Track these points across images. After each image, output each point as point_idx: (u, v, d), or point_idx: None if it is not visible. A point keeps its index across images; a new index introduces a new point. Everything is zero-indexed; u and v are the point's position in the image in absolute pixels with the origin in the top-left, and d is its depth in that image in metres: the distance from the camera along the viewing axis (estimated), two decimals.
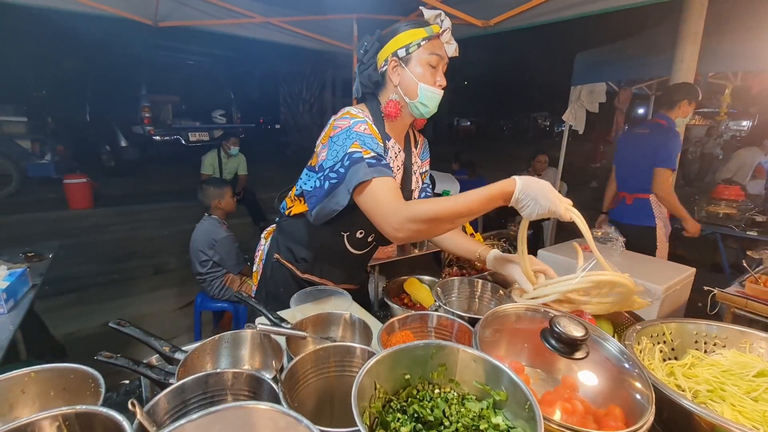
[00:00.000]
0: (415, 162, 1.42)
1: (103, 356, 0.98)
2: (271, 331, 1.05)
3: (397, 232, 1.06)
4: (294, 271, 1.49)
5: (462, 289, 1.32)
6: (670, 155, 2.60)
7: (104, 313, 3.65)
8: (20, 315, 1.57)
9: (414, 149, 1.43)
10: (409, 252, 2.43)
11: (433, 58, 1.20)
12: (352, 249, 1.40)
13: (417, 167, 1.43)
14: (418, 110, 1.25)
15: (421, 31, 1.19)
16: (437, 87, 1.22)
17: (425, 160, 1.51)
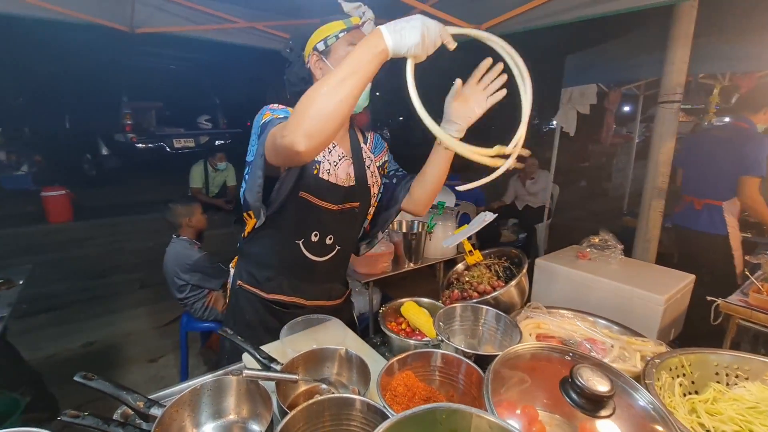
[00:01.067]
0: (368, 157, 1.38)
1: (68, 416, 0.87)
2: (259, 377, 0.95)
3: (296, 143, 0.87)
4: (259, 294, 1.37)
5: (465, 317, 1.23)
6: (759, 162, 2.46)
7: (85, 332, 3.49)
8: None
9: (363, 145, 1.39)
10: (403, 266, 2.34)
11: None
12: (313, 256, 1.32)
13: (370, 162, 1.39)
14: None
15: (339, 23, 1.17)
16: None
17: (380, 153, 1.45)
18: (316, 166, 1.22)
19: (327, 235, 1.31)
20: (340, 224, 1.32)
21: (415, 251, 2.31)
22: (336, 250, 1.36)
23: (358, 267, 2.20)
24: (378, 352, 1.35)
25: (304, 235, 1.29)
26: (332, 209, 1.27)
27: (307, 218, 1.24)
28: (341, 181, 1.27)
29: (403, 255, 2.31)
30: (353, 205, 1.32)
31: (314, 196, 1.23)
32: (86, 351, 3.24)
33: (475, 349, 1.14)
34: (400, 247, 2.28)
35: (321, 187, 1.23)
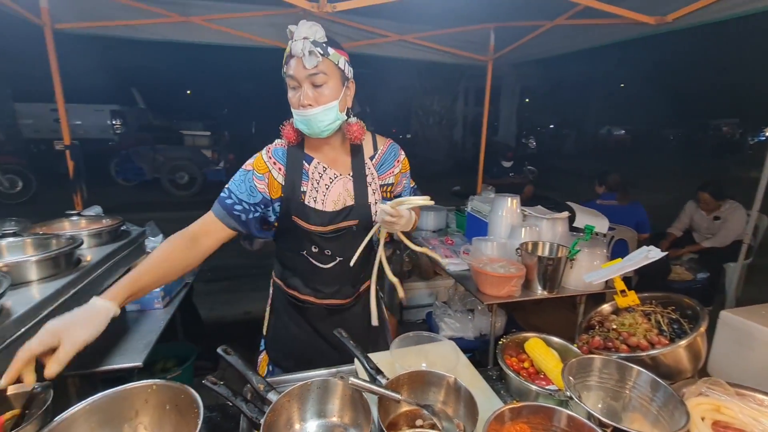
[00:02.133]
0: (370, 174, 1.35)
1: (209, 381, 1.01)
2: (363, 388, 0.95)
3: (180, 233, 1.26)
4: (282, 287, 1.46)
5: (606, 373, 1.00)
6: None
7: (246, 302, 4.17)
8: (173, 309, 1.84)
9: (369, 161, 1.36)
10: (535, 293, 2.09)
11: (290, 80, 1.17)
12: (318, 264, 1.36)
13: (372, 179, 1.35)
14: (304, 132, 1.22)
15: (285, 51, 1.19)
16: (300, 108, 1.17)
17: (387, 171, 1.39)
18: (301, 195, 1.27)
19: (324, 249, 1.34)
20: (335, 241, 1.32)
21: (550, 278, 2.03)
22: (338, 260, 1.36)
23: (481, 286, 2.06)
24: (492, 387, 1.22)
25: (305, 248, 1.34)
26: (322, 231, 1.29)
27: (302, 237, 1.31)
28: (330, 205, 1.29)
29: (535, 280, 2.06)
30: (350, 223, 1.31)
31: (303, 221, 1.27)
32: (244, 318, 3.88)
33: (615, 418, 0.92)
34: (534, 272, 2.04)
35: (308, 213, 1.27)
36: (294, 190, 1.26)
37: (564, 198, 5.59)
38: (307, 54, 1.12)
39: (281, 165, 1.27)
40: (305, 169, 1.28)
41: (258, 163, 1.27)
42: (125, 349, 1.49)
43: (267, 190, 1.27)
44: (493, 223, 2.48)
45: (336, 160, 1.33)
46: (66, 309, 1.28)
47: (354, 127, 1.28)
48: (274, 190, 1.27)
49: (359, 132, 1.29)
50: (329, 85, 1.17)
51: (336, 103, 1.19)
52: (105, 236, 1.63)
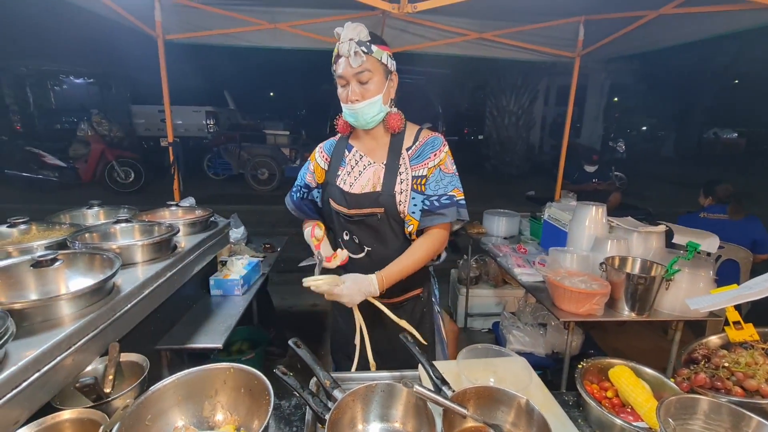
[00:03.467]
0: (402, 164, 1.37)
1: (279, 371, 1.05)
2: (429, 398, 0.92)
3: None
4: None
5: (714, 418, 0.86)
6: None
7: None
8: (250, 296, 1.97)
9: (405, 152, 1.39)
10: (620, 314, 1.88)
11: (339, 80, 1.30)
12: (350, 253, 1.43)
13: (405, 168, 1.37)
14: (353, 125, 1.38)
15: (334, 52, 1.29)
16: (349, 103, 1.29)
17: (421, 162, 1.37)
18: (336, 179, 1.42)
19: (353, 236, 1.41)
20: (360, 227, 1.39)
21: (641, 299, 1.81)
22: (366, 251, 1.41)
23: (558, 300, 1.90)
24: (568, 414, 1.11)
25: (339, 234, 1.45)
26: (346, 213, 1.38)
27: (334, 220, 1.45)
28: (357, 188, 1.38)
29: (622, 299, 1.85)
30: (375, 210, 1.35)
31: (334, 201, 1.41)
32: (311, 310, 4.05)
33: None
34: (620, 290, 1.83)
35: (336, 193, 1.40)
36: (332, 175, 1.43)
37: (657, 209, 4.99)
38: (353, 54, 1.23)
39: (327, 155, 1.48)
40: (345, 156, 1.44)
41: (312, 154, 1.53)
42: (208, 330, 1.62)
43: (309, 175, 1.51)
44: (574, 234, 2.29)
45: (374, 149, 1.42)
46: (164, 290, 1.44)
47: (393, 117, 1.36)
48: (318, 176, 1.49)
49: (397, 122, 1.37)
50: (374, 81, 1.27)
51: (380, 97, 1.29)
52: (197, 226, 1.80)
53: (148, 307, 1.31)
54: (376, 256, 1.41)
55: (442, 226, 1.39)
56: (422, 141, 1.39)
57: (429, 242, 1.39)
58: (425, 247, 1.38)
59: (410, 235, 1.41)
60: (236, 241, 2.53)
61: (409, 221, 1.38)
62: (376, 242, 1.40)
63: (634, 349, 3.35)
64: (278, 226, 6.15)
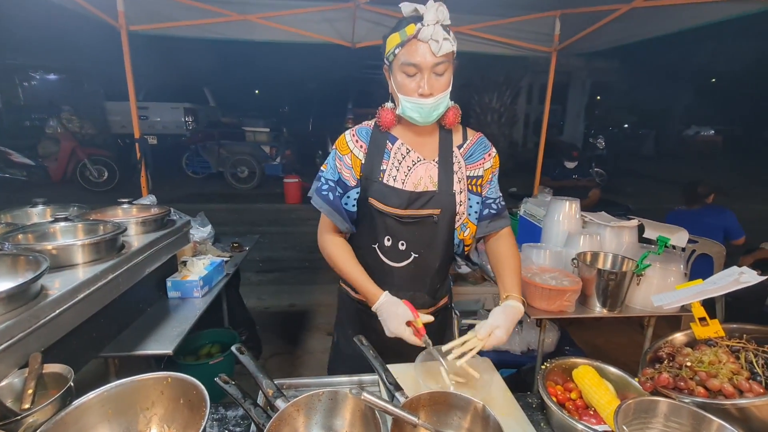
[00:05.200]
0: (457, 162, 1.26)
1: (221, 380, 0.97)
2: (376, 406, 0.85)
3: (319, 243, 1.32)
4: (350, 294, 1.41)
5: (676, 422, 0.81)
6: None
7: (292, 294, 4.26)
8: (210, 298, 1.88)
9: (457, 149, 1.27)
10: (592, 310, 1.85)
11: (409, 68, 1.10)
12: (390, 262, 1.27)
13: (459, 167, 1.26)
14: (410, 119, 1.18)
15: (396, 36, 1.10)
16: (419, 96, 1.11)
17: (476, 162, 1.28)
18: (380, 174, 1.22)
19: (399, 241, 1.24)
20: (411, 230, 1.23)
21: (612, 295, 1.78)
22: (413, 258, 1.26)
23: (529, 298, 1.86)
24: (531, 417, 1.06)
25: (377, 240, 1.26)
26: (399, 214, 1.21)
27: (377, 223, 1.24)
28: (410, 185, 1.22)
29: (594, 296, 1.82)
30: (431, 211, 1.22)
31: (380, 202, 1.21)
32: (288, 310, 3.96)
33: None
34: (591, 286, 1.80)
35: (385, 192, 1.21)
36: (373, 169, 1.22)
37: (637, 204, 5.04)
38: (441, 40, 1.05)
39: (363, 143, 1.24)
40: (388, 148, 1.23)
41: (340, 143, 1.26)
42: (161, 335, 1.53)
43: (345, 171, 1.24)
44: (548, 229, 2.25)
45: (422, 144, 1.25)
46: (106, 294, 1.34)
47: (452, 111, 1.21)
48: (354, 170, 1.24)
49: (454, 117, 1.24)
50: (448, 72, 1.13)
51: (449, 90, 1.15)
52: (151, 224, 1.69)
53: (84, 312, 1.21)
54: (423, 263, 1.27)
55: (509, 229, 1.36)
56: (473, 140, 1.30)
57: (515, 246, 1.34)
58: (516, 250, 1.33)
59: (463, 241, 1.31)
60: (202, 241, 2.42)
61: (467, 225, 1.29)
62: (425, 248, 1.25)
63: (612, 344, 3.36)
64: (258, 225, 6.03)
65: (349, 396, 0.91)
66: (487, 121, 10.64)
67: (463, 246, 1.33)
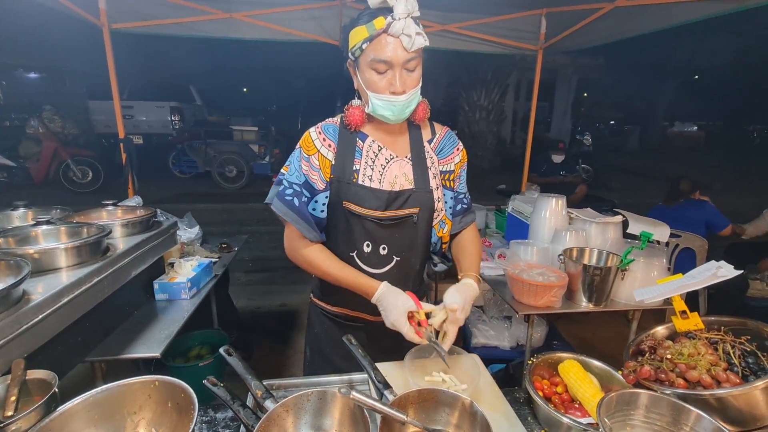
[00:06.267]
0: (429, 158, 1.23)
1: (209, 382, 0.97)
2: (365, 404, 0.86)
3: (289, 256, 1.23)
4: (325, 308, 1.34)
5: (656, 413, 0.83)
6: None
7: (282, 294, 4.25)
8: (199, 300, 1.86)
9: (427, 144, 1.25)
10: (578, 305, 1.88)
11: (379, 65, 1.04)
12: (370, 269, 1.20)
13: (432, 162, 1.23)
14: (381, 117, 1.12)
15: (362, 30, 1.03)
16: (390, 94, 1.06)
17: (446, 156, 1.27)
18: (353, 175, 1.15)
19: (379, 245, 1.18)
20: (391, 233, 1.18)
21: (597, 290, 1.82)
22: (395, 261, 1.21)
23: (517, 294, 1.88)
24: (518, 412, 1.08)
25: (356, 247, 1.18)
26: (379, 216, 1.15)
27: (354, 228, 1.16)
28: (387, 185, 1.16)
29: (580, 291, 1.85)
30: (410, 211, 1.17)
31: (357, 205, 1.14)
32: (279, 310, 3.94)
33: None
34: (578, 281, 1.83)
35: (361, 194, 1.14)
36: (345, 169, 1.14)
37: (623, 200, 5.12)
38: (413, 35, 1.00)
39: (332, 141, 1.16)
40: (359, 146, 1.17)
41: (305, 142, 1.17)
42: (148, 338, 1.51)
43: (313, 173, 1.14)
44: (535, 226, 2.28)
45: (393, 141, 1.21)
46: (91, 297, 1.32)
47: (420, 106, 1.18)
48: (323, 172, 1.14)
49: (424, 112, 1.20)
50: (419, 68, 1.09)
51: (420, 85, 1.11)
52: (136, 226, 1.67)
53: (68, 316, 1.19)
54: (405, 266, 1.23)
55: (474, 224, 1.37)
56: (441, 134, 1.28)
57: (478, 235, 1.36)
58: (478, 239, 1.34)
59: (441, 238, 1.29)
60: (189, 242, 2.40)
61: (444, 221, 1.28)
62: (407, 250, 1.21)
63: (598, 337, 3.43)
64: (246, 225, 5.98)
65: (337, 395, 0.92)
66: (476, 119, 10.69)
67: (441, 243, 1.32)
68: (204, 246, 2.53)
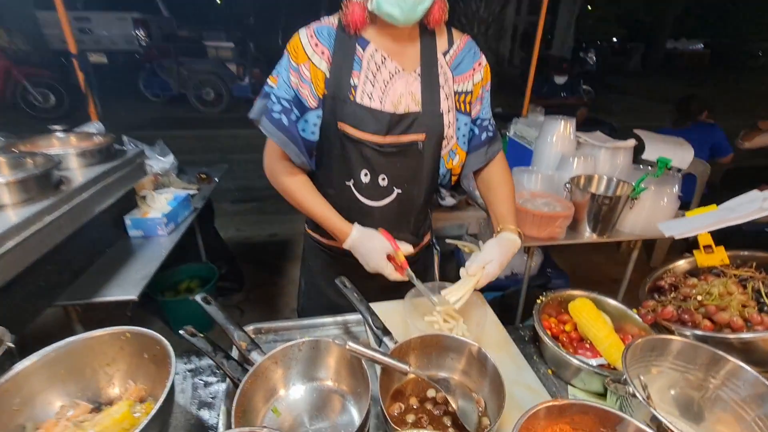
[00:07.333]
0: (443, 74, 1.03)
1: (187, 332, 0.86)
2: (364, 355, 0.77)
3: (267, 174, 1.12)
4: (321, 241, 1.24)
5: (684, 358, 0.76)
6: None
7: (272, 224, 4.14)
8: (178, 235, 1.72)
9: (441, 57, 1.03)
10: (582, 235, 1.80)
11: None
12: (368, 201, 1.08)
13: (445, 80, 1.03)
14: (387, 16, 0.91)
15: None
16: None
17: (464, 73, 1.05)
18: (351, 91, 0.97)
19: (379, 175, 1.04)
20: (393, 162, 1.03)
21: (604, 220, 1.72)
22: (396, 194, 1.08)
23: (520, 225, 1.77)
24: (524, 350, 1.02)
25: (352, 176, 1.05)
26: (378, 142, 0.99)
27: (350, 154, 1.01)
28: (390, 105, 0.99)
29: (584, 221, 1.76)
30: (415, 137, 1.01)
31: (353, 127, 0.98)
32: (270, 240, 3.87)
33: (693, 421, 0.70)
34: (583, 211, 1.72)
35: (359, 114, 0.97)
36: (341, 84, 0.96)
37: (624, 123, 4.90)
38: None
39: (325, 48, 0.97)
40: (359, 55, 0.97)
41: (294, 47, 0.98)
42: (124, 279, 1.39)
43: (304, 87, 0.97)
44: (540, 151, 2.11)
45: (400, 50, 1.00)
46: (46, 239, 1.16)
47: (436, 5, 0.95)
48: (316, 86, 0.97)
49: (440, 12, 0.97)
50: None
51: None
52: (95, 156, 1.46)
53: (21, 260, 1.05)
54: (407, 199, 1.09)
55: (501, 152, 1.18)
56: (461, 44, 1.06)
57: (508, 170, 1.18)
58: (509, 175, 1.17)
59: (451, 171, 1.12)
60: (164, 172, 2.19)
61: (455, 151, 1.09)
62: (409, 182, 1.07)
63: (590, 263, 3.47)
64: (229, 152, 5.66)
65: (333, 347, 0.82)
66: (473, 33, 9.82)
67: (450, 176, 1.15)
68: (181, 177, 2.32)
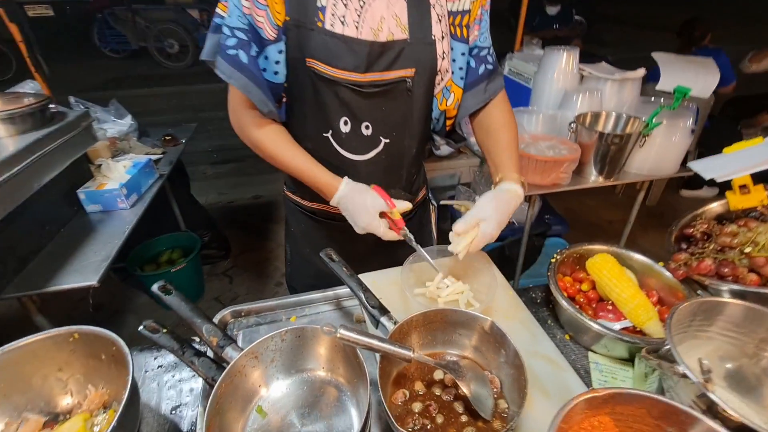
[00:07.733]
0: None
1: (147, 328, 0.73)
2: (358, 343, 0.64)
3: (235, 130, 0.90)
4: (301, 203, 1.08)
5: (731, 322, 0.65)
6: None
7: (254, 185, 3.93)
8: (143, 206, 1.54)
9: None
10: (587, 180, 1.66)
11: None
12: (350, 154, 0.91)
13: (438, 4, 0.82)
14: None
15: None
16: None
17: None
18: (317, 15, 0.75)
19: (361, 123, 0.87)
20: (377, 105, 0.85)
21: (611, 161, 1.57)
22: (383, 145, 0.91)
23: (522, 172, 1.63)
24: (536, 314, 0.91)
25: (329, 125, 0.87)
26: (357, 81, 0.80)
27: (325, 99, 0.83)
28: (368, 32, 0.78)
29: (590, 163, 1.61)
30: (403, 73, 0.82)
31: (324, 63, 0.78)
32: (253, 202, 3.68)
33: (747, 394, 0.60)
34: (589, 153, 1.57)
35: (330, 46, 0.77)
36: (305, 4, 0.75)
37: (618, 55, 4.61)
38: None
39: None
40: None
41: None
42: (80, 262, 1.23)
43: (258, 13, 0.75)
44: (540, 89, 1.91)
45: None
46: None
47: None
48: (273, 10, 0.75)
49: None
50: None
51: None
52: (25, 121, 1.24)
53: None
54: (396, 150, 0.93)
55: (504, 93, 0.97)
56: None
57: (511, 111, 0.98)
58: (512, 117, 0.97)
59: (445, 113, 0.93)
60: (122, 136, 1.95)
61: (450, 88, 0.90)
62: (397, 129, 0.90)
63: (585, 206, 3.39)
64: (201, 110, 5.26)
65: (321, 336, 0.70)
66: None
67: (444, 119, 0.96)
68: (144, 140, 2.08)
